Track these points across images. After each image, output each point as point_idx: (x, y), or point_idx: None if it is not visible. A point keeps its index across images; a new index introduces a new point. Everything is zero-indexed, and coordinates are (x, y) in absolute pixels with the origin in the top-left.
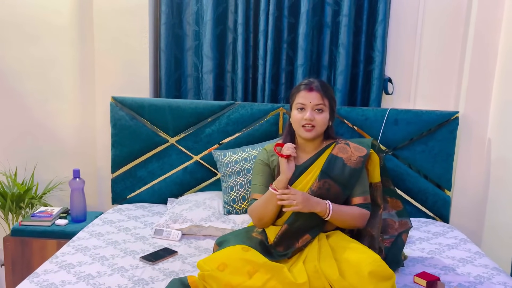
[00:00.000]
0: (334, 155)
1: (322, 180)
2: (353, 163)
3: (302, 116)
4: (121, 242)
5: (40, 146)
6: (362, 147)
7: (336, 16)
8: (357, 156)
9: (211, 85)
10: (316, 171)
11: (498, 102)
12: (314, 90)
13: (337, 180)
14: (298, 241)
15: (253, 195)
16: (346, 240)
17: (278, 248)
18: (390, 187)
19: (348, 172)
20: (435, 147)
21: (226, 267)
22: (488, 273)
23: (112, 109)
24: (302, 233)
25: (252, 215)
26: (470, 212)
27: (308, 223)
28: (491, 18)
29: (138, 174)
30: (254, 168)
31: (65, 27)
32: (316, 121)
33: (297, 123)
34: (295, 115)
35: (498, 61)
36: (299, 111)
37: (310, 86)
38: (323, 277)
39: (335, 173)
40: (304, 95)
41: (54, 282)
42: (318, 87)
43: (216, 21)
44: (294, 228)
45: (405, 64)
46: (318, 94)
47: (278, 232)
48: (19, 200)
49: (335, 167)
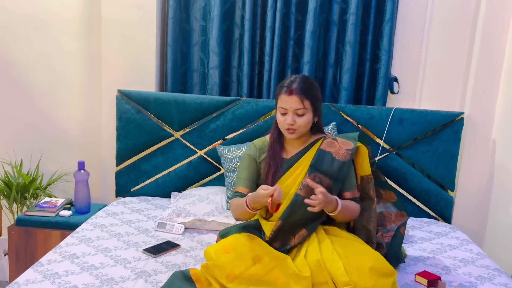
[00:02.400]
0: (322, 149)
1: (312, 174)
2: (341, 157)
3: (284, 120)
4: (124, 234)
5: (46, 137)
6: (349, 141)
7: (343, 14)
8: (344, 150)
9: (216, 81)
10: (305, 166)
11: (504, 104)
12: (294, 93)
13: (327, 174)
14: (295, 236)
15: (237, 187)
16: (345, 236)
17: (274, 243)
18: (381, 179)
19: (337, 166)
20: (439, 147)
21: (233, 250)
22: (489, 274)
23: (118, 102)
24: (297, 229)
25: (231, 210)
26: (473, 213)
27: (303, 218)
28: (499, 19)
29: (143, 168)
30: (241, 161)
31: (72, 20)
32: (297, 124)
33: (280, 125)
34: (278, 117)
35: (505, 62)
36: (281, 115)
37: (290, 89)
38: (326, 271)
39: (324, 167)
40: (284, 99)
41: (58, 272)
42: (297, 90)
43: (223, 16)
44: (288, 224)
45: (412, 63)
46: (297, 98)
47: (273, 228)
48: (24, 190)
49: (324, 162)
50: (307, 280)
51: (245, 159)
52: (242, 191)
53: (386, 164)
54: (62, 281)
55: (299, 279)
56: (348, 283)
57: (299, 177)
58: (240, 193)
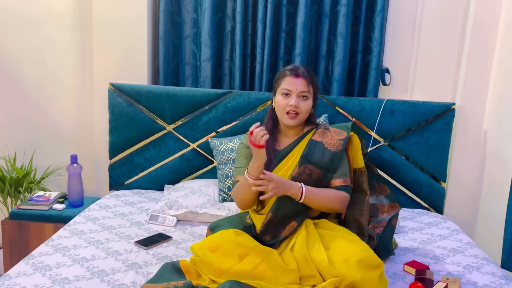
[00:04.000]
0: (314, 140)
1: (302, 166)
2: (333, 147)
3: (287, 102)
4: (116, 227)
5: (39, 131)
6: (342, 131)
7: (334, 6)
8: (337, 139)
9: (209, 73)
10: (297, 157)
11: (495, 95)
12: (301, 76)
13: (318, 165)
14: (285, 228)
15: (236, 177)
16: (335, 229)
17: (265, 237)
18: (374, 173)
19: (328, 156)
20: (430, 138)
21: (218, 248)
22: (478, 263)
23: (110, 96)
24: (287, 220)
25: (234, 198)
26: (464, 203)
27: (292, 209)
28: (489, 10)
29: (135, 161)
30: (237, 152)
31: (64, 13)
32: (301, 108)
33: (281, 109)
34: (279, 100)
35: (496, 53)
36: (284, 97)
37: (297, 72)
38: (312, 264)
39: (315, 158)
40: (291, 81)
41: (49, 264)
42: (305, 73)
43: (214, 9)
44: (279, 216)
45: (403, 55)
46: (305, 81)
47: (264, 221)
48: (18, 184)
49: (315, 152)
50: (294, 273)
51: (240, 148)
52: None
53: (377, 155)
54: (53, 273)
55: (286, 272)
56: (335, 275)
57: (291, 168)
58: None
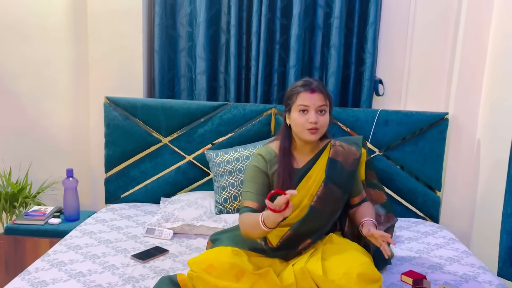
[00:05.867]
0: (333, 158)
1: (328, 185)
2: (349, 166)
3: (306, 119)
4: (113, 240)
5: (34, 145)
6: (355, 149)
7: (327, 18)
8: (352, 159)
9: (204, 86)
10: (317, 175)
11: (487, 104)
12: (317, 91)
13: (338, 184)
14: (300, 245)
15: (245, 202)
16: (339, 242)
17: (280, 251)
18: (373, 181)
19: (346, 175)
20: (425, 147)
21: (214, 269)
22: (474, 271)
23: (105, 109)
24: (304, 238)
25: (240, 226)
26: (459, 212)
27: (311, 228)
28: (480, 20)
29: (131, 174)
30: (248, 174)
31: (59, 28)
32: (320, 123)
33: (300, 126)
34: (297, 118)
35: (487, 62)
36: (301, 114)
37: (312, 87)
38: (310, 277)
39: (336, 177)
40: (307, 96)
41: (45, 280)
42: (320, 87)
43: (209, 22)
44: (298, 233)
45: (396, 65)
46: (321, 95)
47: (283, 236)
48: (13, 199)
49: (336, 171)
50: (292, 286)
51: (252, 171)
52: (252, 206)
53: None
54: None
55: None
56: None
57: (312, 188)
58: (250, 208)
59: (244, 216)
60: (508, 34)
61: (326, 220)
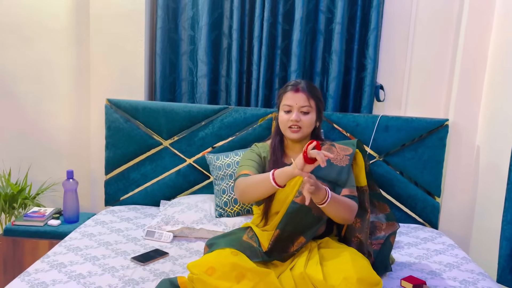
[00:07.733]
0: None
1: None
2: (339, 162)
3: (288, 118)
4: (112, 243)
5: (35, 147)
6: (348, 147)
7: (329, 24)
8: (343, 155)
9: (205, 89)
10: None
11: (487, 110)
12: (300, 91)
13: (325, 179)
14: (293, 244)
15: (242, 171)
16: (336, 246)
17: (273, 253)
18: (376, 191)
19: (336, 171)
20: (424, 153)
21: (214, 271)
22: (474, 278)
23: (106, 112)
24: (296, 236)
25: (239, 186)
26: (459, 218)
27: (300, 226)
28: (481, 26)
29: (131, 176)
30: (244, 156)
31: (61, 30)
32: (302, 122)
33: (283, 124)
34: (281, 116)
35: (487, 69)
36: (285, 113)
37: (297, 87)
38: (310, 283)
39: (322, 173)
40: (290, 96)
41: (45, 281)
42: (304, 88)
43: (211, 26)
44: (286, 232)
45: (397, 71)
46: (304, 96)
47: (271, 238)
48: (12, 200)
49: (322, 168)
50: None
51: (248, 153)
52: (249, 173)
53: (372, 170)
54: None
55: None
56: None
57: (297, 184)
58: (247, 175)
59: (244, 178)
60: (508, 42)
61: (315, 218)
